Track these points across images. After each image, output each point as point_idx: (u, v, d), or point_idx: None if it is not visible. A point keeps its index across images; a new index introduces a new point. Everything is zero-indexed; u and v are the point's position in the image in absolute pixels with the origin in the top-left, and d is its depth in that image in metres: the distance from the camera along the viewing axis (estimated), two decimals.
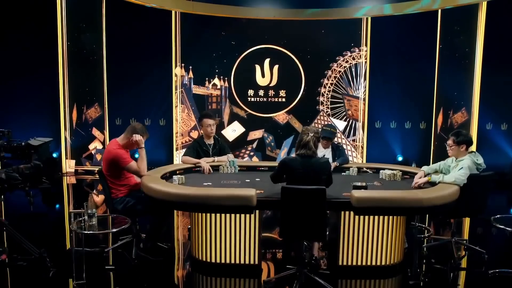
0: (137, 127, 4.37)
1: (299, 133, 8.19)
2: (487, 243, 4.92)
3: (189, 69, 8.39)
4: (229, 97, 8.48)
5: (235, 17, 8.08)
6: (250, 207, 3.63)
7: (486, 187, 4.28)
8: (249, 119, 8.51)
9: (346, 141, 8.42)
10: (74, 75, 8.35)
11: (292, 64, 8.30)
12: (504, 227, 3.88)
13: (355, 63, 8.22)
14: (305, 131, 3.64)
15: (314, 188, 3.35)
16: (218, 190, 3.71)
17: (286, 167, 3.60)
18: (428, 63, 8.07)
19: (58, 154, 8.35)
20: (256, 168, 5.08)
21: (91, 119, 8.49)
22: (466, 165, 4.08)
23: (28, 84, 8.23)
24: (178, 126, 8.50)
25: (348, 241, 3.98)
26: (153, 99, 8.42)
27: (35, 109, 8.26)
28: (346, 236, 3.95)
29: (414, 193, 3.65)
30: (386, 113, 8.33)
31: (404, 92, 8.19)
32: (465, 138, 4.23)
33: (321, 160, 3.61)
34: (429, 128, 8.28)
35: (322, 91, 8.33)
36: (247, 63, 8.34)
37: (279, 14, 7.98)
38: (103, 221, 3.97)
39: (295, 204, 3.43)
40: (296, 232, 3.57)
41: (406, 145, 8.29)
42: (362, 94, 8.27)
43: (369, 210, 3.66)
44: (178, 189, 3.76)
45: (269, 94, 8.42)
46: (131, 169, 4.23)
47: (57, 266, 3.94)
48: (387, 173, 4.61)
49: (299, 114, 8.46)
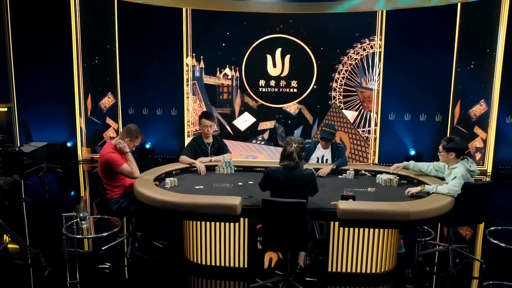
0: (131, 128, 4.42)
1: (309, 124, 8.18)
2: (488, 251, 4.76)
3: (200, 59, 8.35)
4: (240, 87, 8.41)
5: (246, 12, 7.96)
6: (234, 216, 3.64)
7: (484, 196, 4.13)
8: (260, 110, 8.44)
9: (355, 131, 8.25)
10: (88, 65, 8.49)
11: (304, 54, 8.12)
12: (498, 242, 3.75)
13: (369, 53, 7.97)
14: (289, 141, 3.59)
15: (294, 202, 3.32)
16: (203, 198, 3.73)
17: (270, 178, 3.58)
18: (445, 54, 7.74)
19: (72, 143, 8.57)
20: (252, 168, 5.06)
21: (105, 109, 8.64)
22: (460, 174, 3.95)
23: (44, 73, 8.45)
24: (189, 115, 8.54)
25: (338, 247, 3.96)
26: (164, 89, 8.46)
27: (51, 98, 8.49)
28: (336, 242, 3.92)
29: (401, 205, 3.56)
30: (400, 105, 8.07)
31: (420, 84, 7.90)
32: (455, 146, 4.07)
33: (305, 172, 3.56)
34: (445, 120, 7.99)
35: (334, 81, 8.13)
36: (259, 53, 8.21)
37: (291, 8, 7.77)
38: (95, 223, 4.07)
39: (276, 216, 3.43)
40: (278, 243, 3.58)
41: (420, 139, 8.05)
42: (376, 86, 8.05)
43: (354, 223, 3.62)
44: (164, 196, 3.80)
45: (280, 84, 8.31)
46: (124, 172, 4.30)
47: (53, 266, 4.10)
48: (384, 178, 4.52)
49: (311, 105, 8.32)
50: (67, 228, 3.85)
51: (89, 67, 8.50)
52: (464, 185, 3.93)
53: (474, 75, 7.79)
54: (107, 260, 4.35)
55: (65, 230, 3.83)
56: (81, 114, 8.65)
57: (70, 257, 3.98)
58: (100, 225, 4.33)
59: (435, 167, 4.41)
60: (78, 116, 8.62)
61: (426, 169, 4.48)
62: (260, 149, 8.59)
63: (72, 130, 8.64)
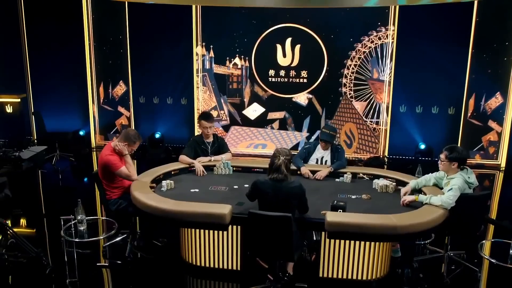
0: (130, 133, 4.49)
1: (319, 115, 8.10)
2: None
3: (210, 48, 8.32)
4: (249, 77, 8.37)
5: None
6: (223, 225, 3.71)
7: (479, 207, 4.07)
8: (270, 100, 8.40)
9: (363, 121, 8.14)
10: (100, 54, 8.59)
11: (315, 44, 7.97)
12: (489, 258, 3.70)
13: (381, 43, 7.76)
14: (276, 154, 3.59)
15: (279, 216, 3.35)
16: (193, 206, 3.80)
17: (257, 189, 3.61)
18: (460, 44, 7.46)
19: (85, 132, 8.75)
20: (251, 169, 5.09)
21: (117, 97, 8.77)
22: (457, 186, 3.88)
23: (56, 63, 8.59)
24: (199, 104, 8.58)
25: (329, 252, 3.97)
26: (174, 78, 8.49)
27: (63, 88, 8.65)
28: (327, 247, 3.94)
29: (389, 219, 3.55)
30: (412, 97, 7.87)
31: (433, 75, 7.66)
32: (459, 156, 3.98)
33: (292, 185, 3.56)
34: (458, 113, 7.78)
35: (345, 72, 7.98)
36: (268, 42, 8.11)
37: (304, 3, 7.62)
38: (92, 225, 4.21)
39: (261, 228, 3.47)
40: (264, 253, 3.63)
41: (432, 132, 7.86)
42: (387, 77, 7.87)
43: (342, 235, 3.64)
44: (157, 203, 3.88)
45: (290, 74, 8.21)
46: (122, 174, 4.40)
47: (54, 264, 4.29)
48: (380, 184, 4.48)
49: (321, 96, 8.21)
50: (65, 231, 4.00)
51: (101, 56, 8.60)
52: (460, 196, 3.88)
53: (490, 67, 7.52)
54: (106, 258, 4.52)
55: (63, 232, 3.98)
56: (94, 102, 8.80)
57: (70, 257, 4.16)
58: (98, 226, 4.47)
59: (437, 178, 4.32)
60: (91, 104, 8.78)
61: (428, 183, 4.39)
62: (271, 135, 8.56)
63: (85, 118, 8.82)
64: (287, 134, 8.52)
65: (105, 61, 8.62)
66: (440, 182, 4.27)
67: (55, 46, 8.49)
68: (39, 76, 8.74)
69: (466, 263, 4.39)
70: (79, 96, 8.72)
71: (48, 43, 8.50)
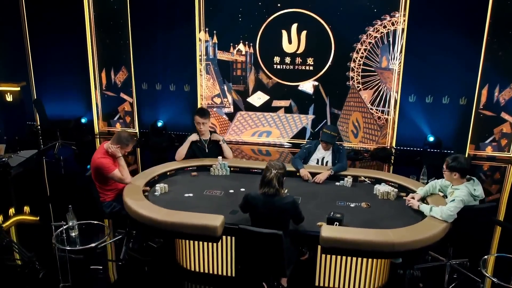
0: (122, 136, 4.35)
1: (325, 103, 7.86)
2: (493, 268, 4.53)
3: (214, 34, 8.05)
4: (254, 63, 8.12)
5: None
6: (214, 237, 3.60)
7: (484, 220, 3.89)
8: (275, 87, 8.17)
9: (369, 111, 7.90)
10: (101, 40, 8.41)
11: (322, 30, 7.65)
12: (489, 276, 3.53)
13: (391, 30, 7.42)
14: (269, 167, 3.42)
15: (269, 233, 3.22)
16: (184, 217, 3.68)
17: (249, 203, 3.47)
18: (475, 32, 7.09)
19: (87, 119, 8.66)
20: (249, 170, 4.94)
21: (119, 83, 8.62)
22: (460, 198, 3.69)
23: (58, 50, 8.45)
24: (202, 90, 8.39)
25: (326, 260, 3.87)
26: (177, 64, 8.27)
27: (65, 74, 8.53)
28: (324, 255, 3.82)
29: (387, 235, 3.39)
30: (422, 86, 7.55)
31: (445, 64, 7.31)
32: (458, 166, 3.76)
33: (285, 201, 3.41)
34: (470, 104, 7.45)
35: (354, 56, 7.66)
36: (274, 28, 7.80)
37: None
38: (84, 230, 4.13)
39: (252, 244, 3.35)
40: (255, 268, 3.52)
41: (442, 123, 7.57)
42: (397, 65, 7.56)
43: (337, 251, 3.51)
44: (147, 212, 3.78)
45: (296, 61, 7.94)
46: (114, 178, 4.30)
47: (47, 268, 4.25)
48: (381, 190, 4.31)
49: (328, 84, 7.94)
50: (57, 237, 3.94)
51: (102, 42, 8.41)
52: (464, 207, 3.70)
53: (506, 56, 7.16)
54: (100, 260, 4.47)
55: (54, 239, 3.91)
56: (96, 87, 8.67)
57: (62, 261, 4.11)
58: (90, 230, 4.38)
59: (442, 186, 4.13)
60: (94, 90, 8.65)
61: (434, 191, 4.20)
62: (277, 120, 8.36)
63: (87, 105, 8.71)
64: (292, 118, 8.30)
65: (106, 46, 8.43)
66: (445, 190, 4.09)
67: (56, 32, 8.32)
68: (40, 63, 8.62)
69: (469, 274, 4.24)
70: (81, 82, 8.58)
71: (49, 29, 8.33)
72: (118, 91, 8.68)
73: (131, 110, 8.78)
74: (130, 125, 8.89)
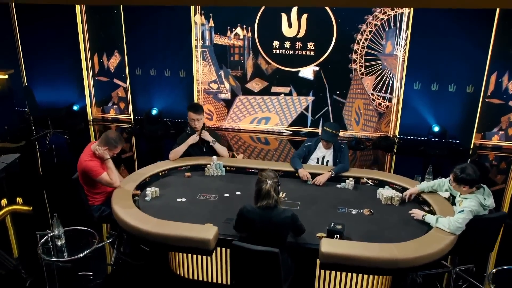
0: (110, 137, 4.07)
1: (326, 89, 7.56)
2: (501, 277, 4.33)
3: (210, 17, 7.68)
4: (252, 48, 7.77)
5: None
6: (207, 250, 3.39)
7: (493, 230, 3.66)
8: (274, 73, 7.85)
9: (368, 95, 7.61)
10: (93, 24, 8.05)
11: (323, 13, 7.27)
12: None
13: (396, 13, 7.05)
14: (262, 179, 3.16)
15: (265, 251, 3.01)
16: (175, 228, 3.46)
17: (244, 218, 3.23)
18: (484, 16, 6.73)
19: (79, 106, 8.36)
20: (245, 169, 4.70)
21: (112, 68, 8.30)
22: (469, 208, 3.45)
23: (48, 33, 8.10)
24: (198, 75, 8.07)
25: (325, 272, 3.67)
26: (172, 49, 7.94)
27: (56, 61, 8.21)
28: None
29: (390, 251, 3.17)
30: (428, 73, 7.22)
31: (452, 50, 6.98)
32: (468, 178, 3.49)
33: (283, 215, 3.17)
34: (477, 92, 7.14)
35: (358, 38, 7.31)
36: (273, 11, 7.42)
37: None
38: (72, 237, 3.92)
39: (246, 261, 3.15)
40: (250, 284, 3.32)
41: (447, 112, 7.28)
42: (402, 51, 7.21)
43: (337, 267, 3.29)
44: (137, 222, 3.55)
45: (296, 46, 7.59)
46: (103, 181, 4.06)
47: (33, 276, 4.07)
48: (384, 195, 4.07)
49: (329, 70, 7.62)
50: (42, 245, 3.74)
51: (93, 25, 8.05)
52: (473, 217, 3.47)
53: None
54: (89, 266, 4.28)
55: (39, 249, 3.71)
56: (89, 73, 8.35)
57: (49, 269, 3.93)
58: (78, 237, 4.17)
59: (450, 186, 3.88)
60: (86, 76, 8.33)
61: (441, 189, 3.97)
62: (277, 104, 8.07)
63: (80, 91, 8.41)
64: (292, 101, 8.00)
65: (98, 30, 8.07)
66: (454, 191, 3.85)
67: (45, 15, 7.95)
68: (30, 48, 8.28)
69: (475, 282, 4.05)
70: (72, 67, 8.26)
71: (38, 11, 7.95)
72: (111, 76, 8.36)
73: (125, 96, 8.48)
74: (124, 111, 8.62)
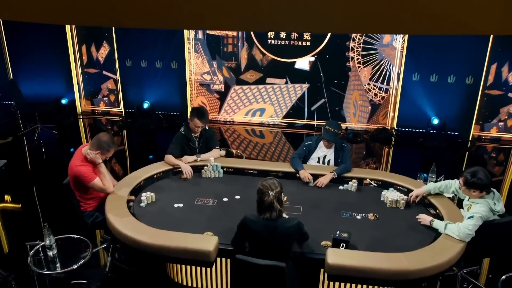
0: (102, 140, 3.86)
1: (322, 81, 7.37)
2: None
3: None
4: (246, 39, 7.53)
5: None
6: (208, 262, 3.23)
7: (503, 235, 3.55)
8: (269, 64, 7.63)
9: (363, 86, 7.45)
10: None
11: None
12: None
13: None
14: (264, 190, 2.97)
15: (270, 265, 2.85)
16: (173, 239, 3.28)
17: (247, 229, 3.06)
18: None
19: (67, 99, 8.08)
20: (243, 170, 4.52)
21: (102, 59, 8.01)
22: (479, 214, 3.32)
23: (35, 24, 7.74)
24: (191, 66, 7.83)
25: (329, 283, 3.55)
26: (162, 39, 7.66)
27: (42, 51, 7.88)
28: None
29: (399, 261, 3.05)
30: (427, 63, 7.06)
31: (451, 41, 6.82)
32: (479, 182, 3.35)
33: (288, 224, 3.01)
34: (476, 84, 7.02)
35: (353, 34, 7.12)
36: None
37: None
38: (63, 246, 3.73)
39: (250, 275, 2.99)
40: None
41: (446, 104, 7.15)
42: (400, 41, 7.03)
43: (344, 278, 3.16)
44: (132, 232, 3.37)
45: (291, 36, 7.37)
46: (95, 187, 3.86)
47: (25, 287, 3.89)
48: (389, 198, 3.93)
49: (326, 61, 7.42)
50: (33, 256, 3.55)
51: None
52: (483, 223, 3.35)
53: None
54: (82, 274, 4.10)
55: (30, 261, 3.52)
56: (77, 64, 8.05)
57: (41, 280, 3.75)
58: (71, 245, 3.99)
59: (457, 188, 3.75)
60: (74, 68, 8.04)
61: (447, 191, 3.85)
62: (272, 95, 7.88)
63: (67, 84, 8.12)
64: (287, 89, 7.80)
65: None
66: (461, 194, 3.72)
67: None
68: (15, 39, 7.93)
69: (480, 285, 3.96)
70: (60, 59, 7.95)
71: None
72: (100, 68, 8.07)
73: (115, 87, 8.21)
74: (115, 104, 8.36)
